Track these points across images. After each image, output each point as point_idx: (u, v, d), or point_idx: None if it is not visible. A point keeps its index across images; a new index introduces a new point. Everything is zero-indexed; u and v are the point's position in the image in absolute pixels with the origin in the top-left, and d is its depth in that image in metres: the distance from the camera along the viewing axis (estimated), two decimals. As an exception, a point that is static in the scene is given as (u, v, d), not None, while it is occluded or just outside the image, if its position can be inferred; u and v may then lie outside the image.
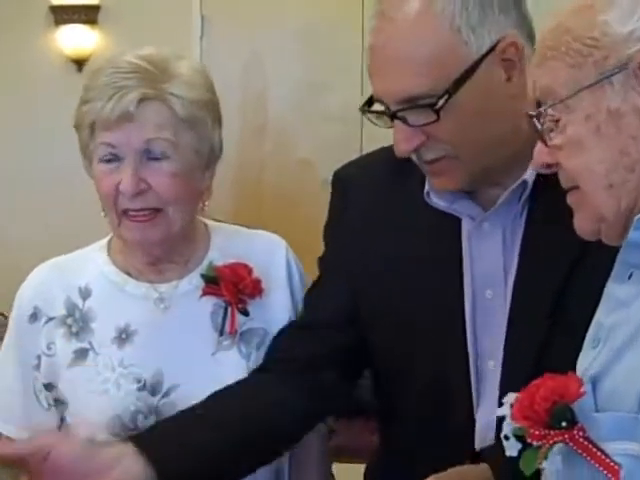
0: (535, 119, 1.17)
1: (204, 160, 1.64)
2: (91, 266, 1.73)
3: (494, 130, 1.45)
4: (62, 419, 1.73)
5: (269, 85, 5.49)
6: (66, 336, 1.69)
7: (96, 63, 1.69)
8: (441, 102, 1.40)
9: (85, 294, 1.71)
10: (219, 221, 1.84)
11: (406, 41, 1.42)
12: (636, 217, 1.10)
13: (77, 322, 1.69)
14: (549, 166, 1.19)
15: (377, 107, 1.51)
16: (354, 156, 1.92)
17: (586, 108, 1.11)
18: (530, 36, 1.47)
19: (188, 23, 5.42)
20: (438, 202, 1.52)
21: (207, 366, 1.67)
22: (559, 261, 1.45)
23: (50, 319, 1.70)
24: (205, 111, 1.62)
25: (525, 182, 1.47)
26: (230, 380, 1.62)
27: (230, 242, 1.74)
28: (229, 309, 1.69)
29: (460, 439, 1.53)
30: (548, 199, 1.41)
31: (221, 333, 1.69)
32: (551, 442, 1.09)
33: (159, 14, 5.33)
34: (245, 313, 1.68)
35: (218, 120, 1.67)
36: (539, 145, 1.19)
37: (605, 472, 1.05)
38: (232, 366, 1.67)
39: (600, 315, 1.18)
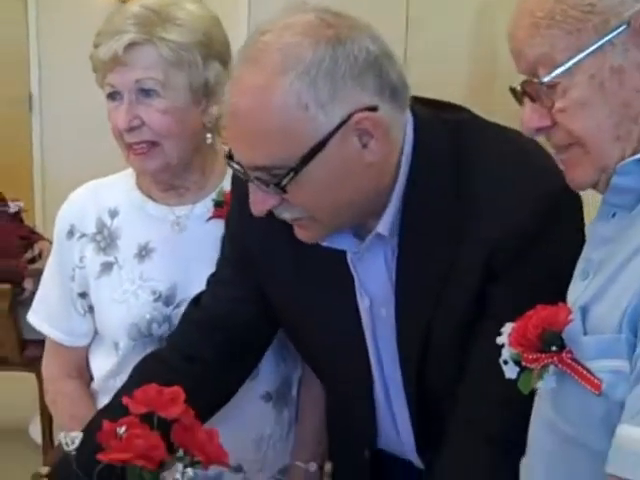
0: (521, 86, 1.21)
1: (199, 96, 1.75)
2: (120, 190, 1.89)
3: (351, 196, 1.41)
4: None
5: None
6: (95, 250, 1.85)
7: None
8: (285, 180, 1.36)
9: (113, 214, 1.86)
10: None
11: (253, 113, 1.34)
12: (618, 164, 1.17)
13: (105, 239, 1.85)
14: (539, 130, 1.23)
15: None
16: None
17: (588, 69, 1.15)
18: (394, 95, 1.39)
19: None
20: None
21: None
22: (431, 276, 1.45)
23: (83, 235, 1.86)
24: (195, 53, 1.72)
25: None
26: None
27: None
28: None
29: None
30: (416, 220, 1.45)
31: None
32: (542, 364, 1.17)
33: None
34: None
35: (216, 58, 1.75)
36: (527, 112, 1.22)
37: (589, 387, 1.13)
38: None
39: (587, 251, 1.25)
